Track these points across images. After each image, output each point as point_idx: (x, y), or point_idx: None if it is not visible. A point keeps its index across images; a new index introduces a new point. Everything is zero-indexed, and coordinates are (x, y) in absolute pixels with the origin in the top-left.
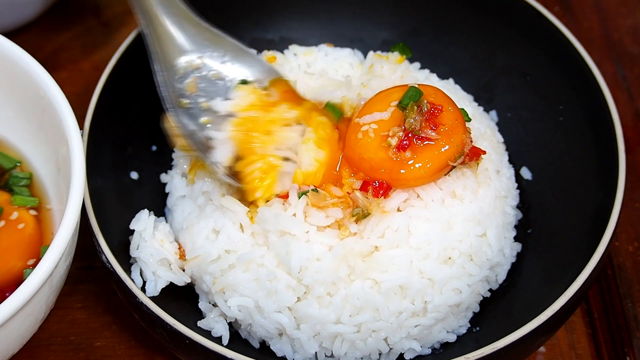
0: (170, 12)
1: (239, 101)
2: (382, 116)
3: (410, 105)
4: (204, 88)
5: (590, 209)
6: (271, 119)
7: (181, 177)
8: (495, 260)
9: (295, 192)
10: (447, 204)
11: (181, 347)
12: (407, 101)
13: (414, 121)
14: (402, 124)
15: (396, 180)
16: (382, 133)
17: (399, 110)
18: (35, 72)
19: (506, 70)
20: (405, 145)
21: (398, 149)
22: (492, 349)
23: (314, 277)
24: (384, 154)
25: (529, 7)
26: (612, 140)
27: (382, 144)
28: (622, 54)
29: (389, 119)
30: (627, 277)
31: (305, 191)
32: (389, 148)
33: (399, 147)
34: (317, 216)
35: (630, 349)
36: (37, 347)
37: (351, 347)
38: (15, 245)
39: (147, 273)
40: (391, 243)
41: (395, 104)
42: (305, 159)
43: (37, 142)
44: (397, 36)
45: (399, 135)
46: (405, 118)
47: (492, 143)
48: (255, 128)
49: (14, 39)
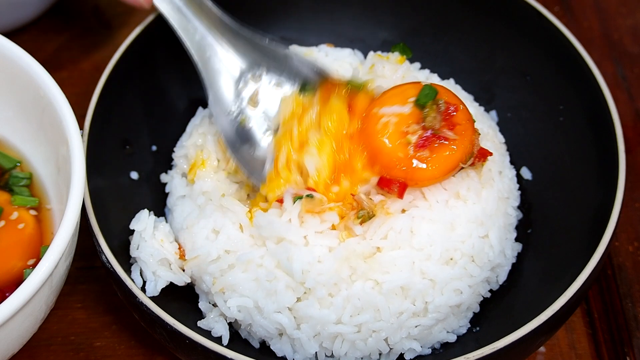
0: (221, 36)
1: (280, 116)
2: (403, 110)
3: (430, 104)
4: (266, 99)
5: (590, 209)
6: (304, 131)
7: (181, 177)
8: (496, 261)
9: (290, 197)
10: (451, 205)
11: (181, 347)
12: (425, 99)
13: (433, 120)
14: (420, 122)
15: (411, 179)
16: (403, 128)
17: (417, 108)
18: (35, 72)
19: (506, 70)
20: (424, 144)
21: (416, 147)
22: (492, 349)
23: (316, 280)
24: (402, 150)
25: (529, 7)
26: (612, 140)
27: (401, 139)
28: (622, 54)
29: (408, 114)
30: (627, 277)
31: (300, 196)
32: (408, 145)
33: (417, 145)
34: (312, 222)
35: (630, 349)
36: (37, 347)
37: (351, 347)
38: (15, 245)
39: (147, 273)
40: (393, 244)
41: (413, 100)
42: (310, 170)
43: (37, 142)
44: (397, 36)
45: (419, 133)
46: (425, 116)
47: (494, 144)
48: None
49: (14, 39)
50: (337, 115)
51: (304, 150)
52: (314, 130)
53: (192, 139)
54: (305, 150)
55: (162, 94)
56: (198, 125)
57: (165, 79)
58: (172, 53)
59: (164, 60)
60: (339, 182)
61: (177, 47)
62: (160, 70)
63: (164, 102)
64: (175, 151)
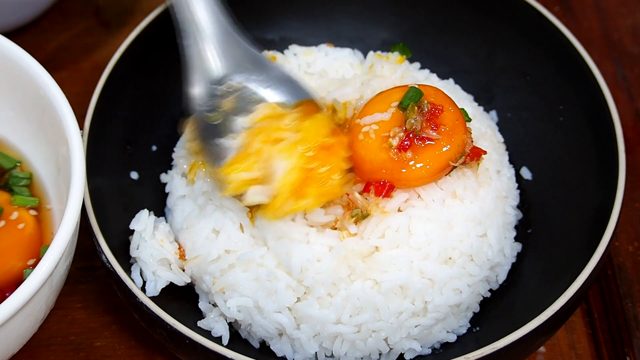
0: (220, 36)
1: (254, 115)
2: (383, 117)
3: (410, 106)
4: (241, 107)
5: (590, 209)
6: (277, 127)
7: (181, 177)
8: (495, 260)
9: None
10: (448, 204)
11: (181, 347)
12: (408, 102)
13: (414, 122)
14: (402, 125)
15: (397, 181)
16: (383, 134)
17: (400, 111)
18: (35, 72)
19: (506, 70)
20: (406, 146)
21: (399, 150)
22: (492, 349)
23: (314, 278)
24: (385, 154)
25: (529, 7)
26: (612, 140)
27: (383, 144)
28: (622, 54)
29: (389, 119)
30: (627, 277)
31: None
32: (390, 149)
33: (399, 148)
34: (316, 212)
35: (630, 349)
36: (37, 347)
37: (351, 347)
38: (15, 245)
39: (147, 273)
40: (391, 243)
41: (396, 105)
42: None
43: (37, 142)
44: (397, 36)
45: (400, 135)
46: (405, 119)
47: (493, 143)
48: (264, 138)
49: (14, 39)
50: (318, 124)
51: (275, 148)
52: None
53: None
54: (277, 148)
55: (162, 94)
56: None
57: (165, 79)
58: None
59: (164, 60)
60: (303, 194)
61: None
62: (160, 70)
63: (164, 102)
64: (175, 151)
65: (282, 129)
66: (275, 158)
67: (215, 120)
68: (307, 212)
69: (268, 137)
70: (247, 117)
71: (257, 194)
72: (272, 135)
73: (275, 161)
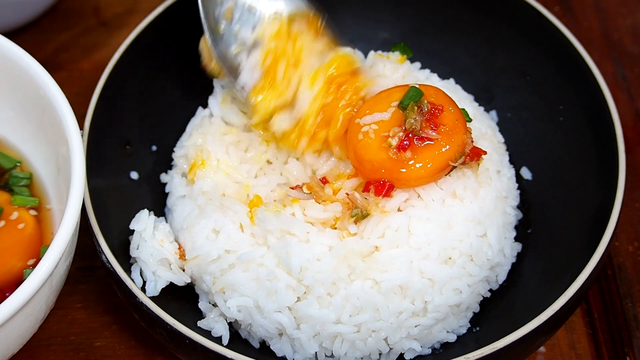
0: None
1: (264, 30)
2: (383, 117)
3: (410, 106)
4: (239, 17)
5: (590, 209)
6: (299, 48)
7: (181, 177)
8: (495, 260)
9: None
10: (448, 204)
11: (181, 347)
12: (408, 101)
13: (414, 121)
14: (402, 124)
15: (397, 180)
16: (383, 133)
17: (400, 111)
18: (35, 72)
19: (506, 70)
20: (406, 146)
21: (398, 149)
22: (492, 349)
23: (314, 277)
24: (384, 154)
25: (529, 7)
26: (612, 140)
27: (382, 144)
28: (622, 54)
29: (389, 119)
30: (627, 277)
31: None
32: (390, 148)
33: (399, 147)
34: (315, 208)
35: (630, 349)
36: (37, 347)
37: (351, 347)
38: (15, 245)
39: (147, 273)
40: (391, 243)
41: (396, 104)
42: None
43: (37, 142)
44: (397, 36)
45: (399, 135)
46: (405, 118)
47: (493, 143)
48: (282, 57)
49: (14, 39)
50: (345, 58)
51: (298, 69)
52: (305, 61)
53: (192, 139)
54: (303, 74)
55: (162, 94)
56: (198, 125)
57: (165, 79)
58: (172, 53)
59: (164, 60)
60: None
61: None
62: (160, 70)
63: (164, 102)
64: (175, 151)
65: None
66: (301, 83)
67: (221, 32)
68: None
69: (288, 60)
70: (255, 32)
71: (283, 119)
72: (295, 58)
73: (301, 86)
